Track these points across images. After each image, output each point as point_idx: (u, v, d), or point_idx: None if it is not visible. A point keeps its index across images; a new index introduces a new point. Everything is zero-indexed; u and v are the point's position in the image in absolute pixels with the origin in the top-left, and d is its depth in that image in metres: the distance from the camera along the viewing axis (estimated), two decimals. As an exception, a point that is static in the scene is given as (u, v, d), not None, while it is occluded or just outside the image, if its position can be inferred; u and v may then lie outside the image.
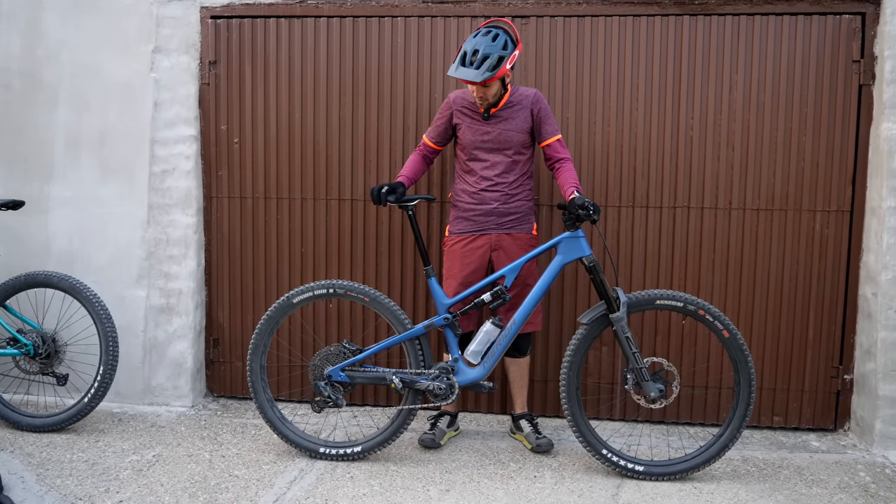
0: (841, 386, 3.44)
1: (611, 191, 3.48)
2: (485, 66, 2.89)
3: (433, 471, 2.98)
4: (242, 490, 2.77)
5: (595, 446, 2.91)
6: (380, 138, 3.60)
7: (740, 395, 2.89)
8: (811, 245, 3.41)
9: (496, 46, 2.91)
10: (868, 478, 2.98)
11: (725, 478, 2.94)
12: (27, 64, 3.68)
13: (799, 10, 3.34)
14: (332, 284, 3.05)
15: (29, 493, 2.72)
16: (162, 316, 3.67)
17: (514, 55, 2.95)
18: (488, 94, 3.01)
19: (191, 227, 3.66)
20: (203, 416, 3.58)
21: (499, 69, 2.90)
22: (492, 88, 3.00)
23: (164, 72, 3.62)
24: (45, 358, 3.31)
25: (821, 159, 3.38)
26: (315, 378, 3.04)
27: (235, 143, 3.69)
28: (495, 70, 2.90)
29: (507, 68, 2.93)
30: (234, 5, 3.61)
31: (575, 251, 2.91)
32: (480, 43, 2.91)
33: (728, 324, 2.86)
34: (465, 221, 3.17)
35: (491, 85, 2.98)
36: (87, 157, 3.67)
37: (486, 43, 2.91)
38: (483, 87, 2.98)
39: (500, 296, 2.93)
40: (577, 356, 2.92)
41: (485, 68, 2.89)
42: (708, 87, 3.41)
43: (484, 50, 2.90)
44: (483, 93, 3.01)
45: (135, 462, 3.01)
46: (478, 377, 2.99)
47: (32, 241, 3.71)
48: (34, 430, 3.30)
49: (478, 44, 2.92)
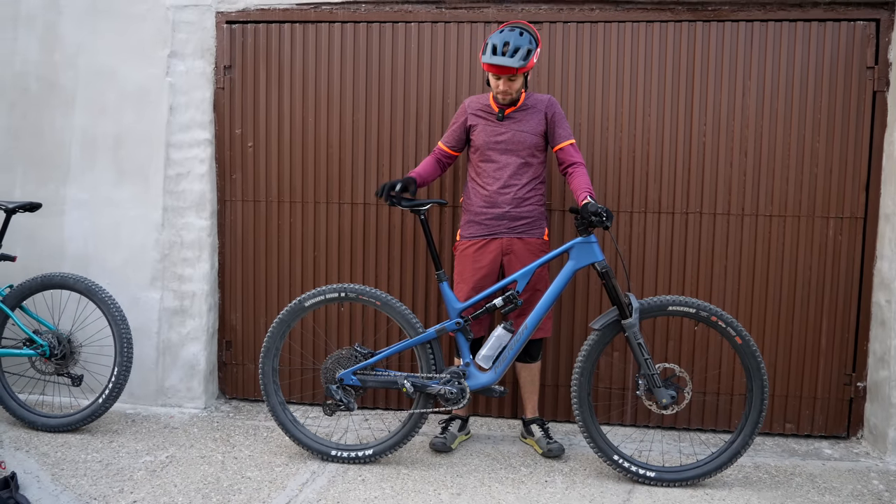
0: (854, 393, 3.43)
1: (623, 196, 3.49)
2: (518, 55, 2.97)
3: (444, 474, 2.98)
4: (255, 492, 2.79)
5: (606, 452, 2.91)
6: (393, 143, 3.62)
7: (753, 402, 2.88)
8: (824, 251, 3.40)
9: (524, 40, 2.99)
10: (881, 486, 2.96)
11: (737, 484, 2.93)
12: (45, 68, 3.72)
13: (813, 17, 3.34)
14: (343, 288, 3.06)
15: (44, 492, 2.75)
16: (175, 318, 3.70)
17: (538, 51, 3.03)
18: (513, 87, 3.06)
19: (205, 230, 3.69)
20: (216, 418, 3.60)
21: (529, 60, 2.98)
22: (517, 82, 3.06)
23: (180, 76, 3.66)
24: (60, 359, 3.34)
25: (834, 165, 3.37)
26: (327, 381, 3.06)
27: (249, 147, 3.71)
28: (526, 60, 2.98)
29: (534, 62, 3.02)
30: (250, 10, 3.64)
31: (587, 257, 2.91)
32: (509, 37, 2.99)
33: (741, 330, 2.85)
34: (476, 225, 3.19)
35: (517, 78, 3.04)
36: (102, 160, 3.70)
37: (515, 37, 2.99)
38: (509, 81, 3.04)
39: (511, 301, 2.94)
40: (589, 361, 2.92)
41: (518, 57, 2.97)
42: (721, 93, 3.41)
43: (514, 42, 2.97)
44: (508, 86, 3.05)
45: (148, 463, 3.04)
46: (489, 382, 3.00)
47: (48, 242, 3.75)
48: (49, 431, 3.33)
49: (507, 37, 2.99)
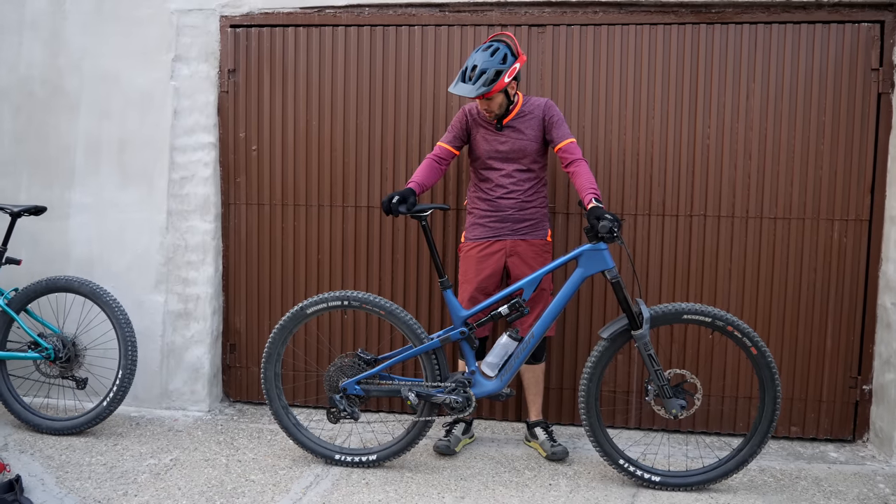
0: (859, 396, 3.41)
1: (627, 199, 3.48)
2: (480, 82, 2.94)
3: (448, 478, 2.98)
4: (259, 495, 2.79)
5: (613, 457, 2.90)
6: (396, 146, 3.62)
7: (764, 413, 2.83)
8: (829, 254, 3.39)
9: (494, 61, 2.95)
10: (888, 490, 2.94)
11: (742, 488, 2.92)
12: (49, 72, 3.73)
13: (817, 19, 3.33)
14: (346, 296, 3.00)
15: (49, 495, 2.75)
16: (180, 321, 3.71)
17: (515, 67, 2.98)
18: (492, 106, 3.06)
19: (209, 234, 3.69)
20: (219, 421, 3.60)
21: (496, 83, 2.94)
22: (494, 101, 3.04)
23: (184, 80, 3.67)
24: (65, 362, 3.35)
25: (839, 168, 3.36)
26: (330, 390, 3.03)
27: (253, 151, 3.72)
28: (492, 84, 2.94)
29: (506, 81, 2.96)
30: (254, 14, 3.65)
31: (597, 264, 2.85)
32: (479, 59, 2.97)
33: (757, 341, 2.79)
34: (480, 227, 3.19)
35: (493, 98, 3.02)
36: (107, 164, 3.72)
37: (485, 58, 2.96)
38: (486, 101, 3.03)
39: (517, 308, 2.89)
40: (598, 370, 2.89)
41: (480, 83, 2.94)
42: (725, 96, 3.40)
43: (482, 65, 2.94)
44: (487, 105, 3.05)
45: (152, 466, 3.04)
46: (495, 390, 2.98)
47: (53, 246, 3.76)
48: (54, 433, 3.34)
49: (477, 59, 2.97)
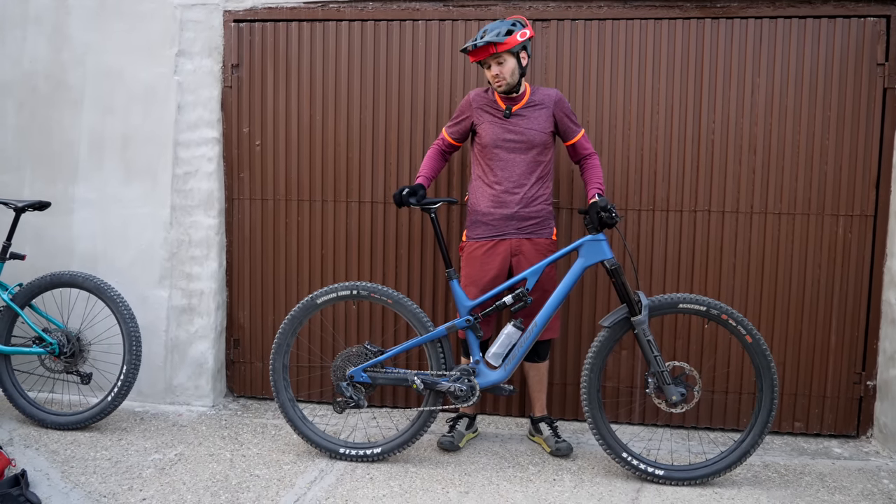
0: (863, 392, 3.41)
1: (632, 194, 3.48)
2: (491, 34, 2.95)
3: (452, 473, 2.98)
4: (263, 489, 2.80)
5: (615, 450, 2.91)
6: (400, 141, 3.62)
7: (762, 401, 2.87)
8: (834, 249, 3.39)
9: (503, 24, 2.98)
10: (892, 485, 2.94)
11: (746, 483, 2.92)
12: (53, 67, 3.73)
13: (823, 13, 3.32)
14: (356, 286, 3.06)
15: (54, 489, 2.76)
16: (184, 316, 3.71)
17: (526, 32, 2.97)
18: (504, 71, 2.99)
19: (213, 229, 3.69)
20: (224, 416, 3.61)
21: (509, 37, 2.93)
22: (507, 65, 2.98)
23: (188, 75, 3.66)
24: (69, 357, 3.35)
25: (844, 163, 3.36)
26: (337, 379, 3.06)
27: (257, 146, 3.72)
28: (503, 37, 2.93)
29: (519, 39, 2.94)
30: (257, 9, 3.64)
31: (597, 254, 2.91)
32: (487, 26, 3.01)
33: (751, 329, 2.84)
34: (484, 226, 3.16)
35: (504, 59, 2.97)
36: (110, 159, 3.71)
37: (492, 24, 3.00)
38: (497, 65, 2.98)
39: (521, 298, 2.93)
40: (599, 359, 2.92)
41: (492, 34, 2.94)
42: (730, 91, 3.39)
43: (491, 28, 2.98)
44: (499, 70, 2.99)
45: (157, 461, 3.05)
46: (499, 379, 2.99)
47: (57, 241, 3.76)
48: (59, 428, 3.34)
49: (485, 28, 3.01)
